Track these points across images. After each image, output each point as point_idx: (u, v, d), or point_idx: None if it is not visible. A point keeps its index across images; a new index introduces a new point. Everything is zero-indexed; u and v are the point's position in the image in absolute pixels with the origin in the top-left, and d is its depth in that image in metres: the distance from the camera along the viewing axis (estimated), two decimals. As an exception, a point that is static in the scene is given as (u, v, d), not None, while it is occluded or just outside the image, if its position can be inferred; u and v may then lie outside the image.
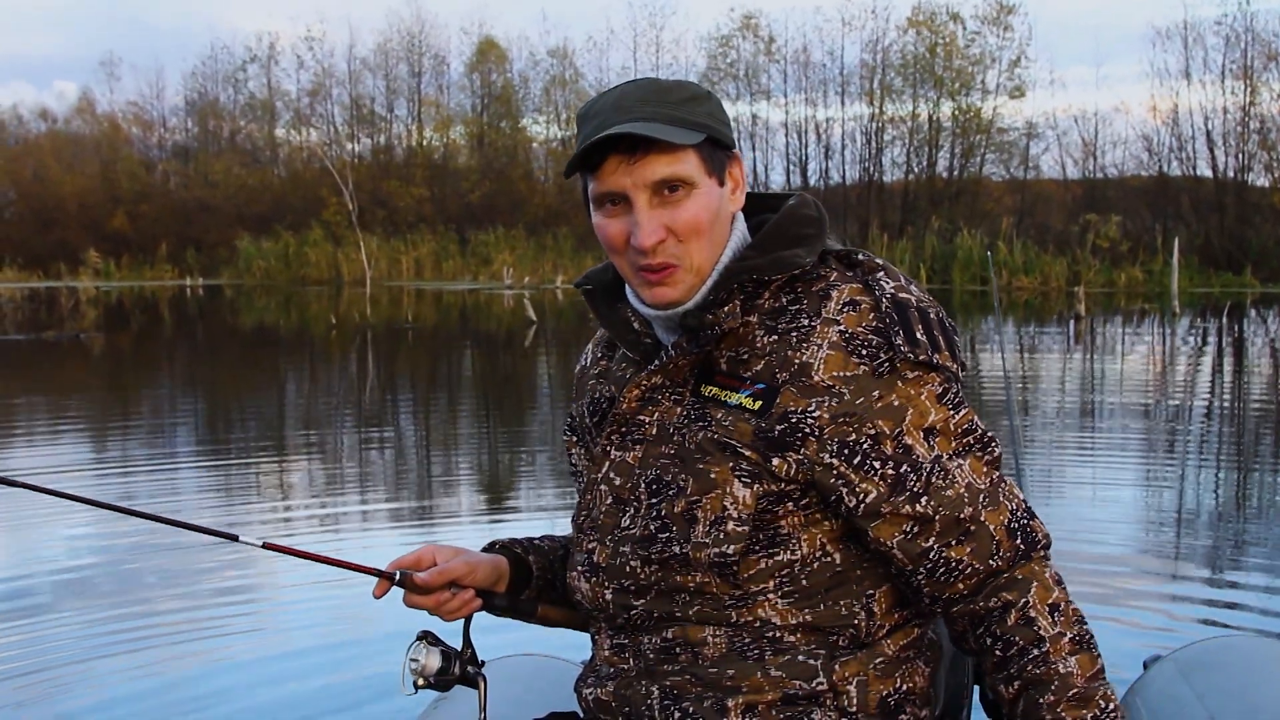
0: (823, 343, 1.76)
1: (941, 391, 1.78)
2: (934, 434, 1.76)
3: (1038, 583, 1.76)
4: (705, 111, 1.81)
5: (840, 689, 1.78)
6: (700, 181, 1.79)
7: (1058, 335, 20.19)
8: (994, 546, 1.76)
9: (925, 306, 1.78)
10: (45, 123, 49.98)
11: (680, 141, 1.76)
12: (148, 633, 5.21)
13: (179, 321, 27.86)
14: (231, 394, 14.93)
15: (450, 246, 41.95)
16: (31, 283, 40.30)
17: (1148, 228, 34.41)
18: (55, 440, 10.60)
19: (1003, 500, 1.78)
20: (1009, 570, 1.77)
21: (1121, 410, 11.54)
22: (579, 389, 2.09)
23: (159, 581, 6.08)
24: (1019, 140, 40.30)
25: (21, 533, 7.04)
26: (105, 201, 45.65)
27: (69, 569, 6.25)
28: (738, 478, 1.76)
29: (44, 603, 5.73)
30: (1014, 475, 2.06)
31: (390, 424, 11.87)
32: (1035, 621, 1.75)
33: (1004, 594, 1.76)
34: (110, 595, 5.81)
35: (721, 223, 1.83)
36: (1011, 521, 1.77)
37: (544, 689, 2.44)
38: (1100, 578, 5.65)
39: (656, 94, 1.80)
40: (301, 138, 48.38)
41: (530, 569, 2.07)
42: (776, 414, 1.74)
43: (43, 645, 5.08)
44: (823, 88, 41.92)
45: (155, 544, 6.69)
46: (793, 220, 1.85)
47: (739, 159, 1.87)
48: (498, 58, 47.35)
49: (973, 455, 1.78)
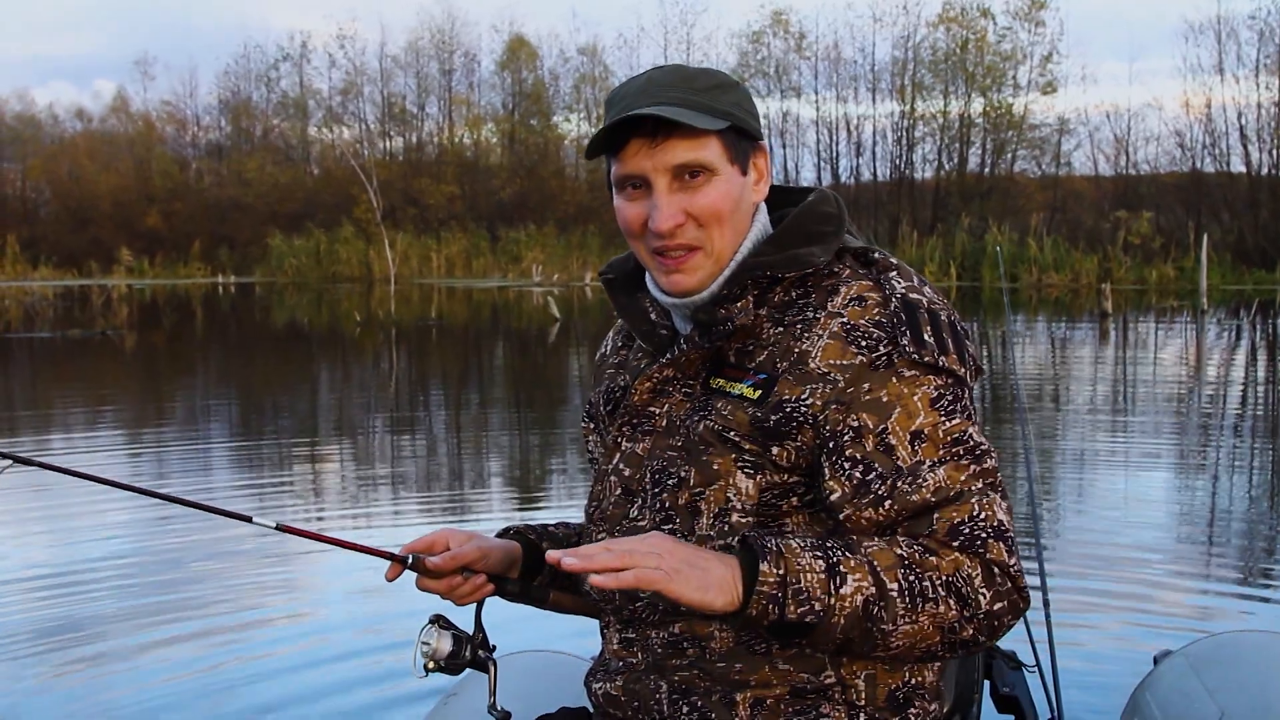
0: (824, 333, 1.75)
1: (937, 396, 1.73)
2: (920, 438, 1.71)
3: (948, 559, 1.66)
4: (731, 100, 1.81)
5: (849, 683, 1.77)
6: (722, 168, 1.79)
7: (1081, 332, 20.08)
8: (928, 527, 1.69)
9: (936, 308, 1.76)
10: (81, 122, 50.34)
11: (703, 126, 1.75)
12: (177, 615, 5.30)
13: (208, 319, 28.02)
14: (251, 389, 15.05)
15: (481, 244, 42.02)
16: (66, 280, 40.56)
17: (1180, 224, 34.16)
18: (74, 429, 10.72)
19: (969, 504, 1.70)
20: (932, 544, 1.68)
21: (1136, 407, 11.49)
22: (597, 376, 2.09)
23: (186, 566, 6.16)
24: (1051, 137, 40.12)
25: (57, 521, 7.15)
26: (139, 200, 45.91)
27: (105, 555, 6.35)
28: (740, 469, 1.75)
29: (80, 584, 5.82)
30: (1021, 487, 2.04)
31: (405, 418, 11.92)
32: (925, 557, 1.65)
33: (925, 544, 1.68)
34: (142, 578, 5.91)
35: (743, 212, 1.83)
36: (964, 525, 1.69)
37: (554, 684, 2.44)
38: (1114, 573, 5.65)
39: (683, 79, 1.80)
40: (333, 136, 48.56)
41: (543, 555, 2.01)
42: (773, 402, 1.73)
43: (81, 623, 5.18)
44: (853, 84, 41.84)
45: (182, 530, 6.81)
46: (811, 217, 1.84)
47: (764, 150, 1.87)
48: (528, 55, 47.40)
49: (957, 464, 1.72)
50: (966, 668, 2.18)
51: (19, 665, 4.74)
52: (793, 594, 1.60)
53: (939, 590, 1.63)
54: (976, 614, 1.66)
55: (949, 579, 1.65)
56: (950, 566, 1.66)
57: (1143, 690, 2.65)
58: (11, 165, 47.80)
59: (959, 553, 1.67)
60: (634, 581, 1.57)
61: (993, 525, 1.69)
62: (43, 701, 4.38)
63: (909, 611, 1.62)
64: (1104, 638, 4.67)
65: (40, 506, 7.58)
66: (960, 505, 1.69)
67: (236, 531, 6.46)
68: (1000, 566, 1.68)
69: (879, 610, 1.61)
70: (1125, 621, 4.88)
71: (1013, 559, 1.70)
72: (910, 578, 1.62)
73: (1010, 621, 1.71)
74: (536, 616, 2.16)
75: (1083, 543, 6.31)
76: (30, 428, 11.08)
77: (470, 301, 30.78)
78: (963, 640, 1.66)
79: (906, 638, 1.64)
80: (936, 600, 1.62)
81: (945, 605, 1.64)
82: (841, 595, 1.60)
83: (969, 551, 1.67)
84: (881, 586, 1.61)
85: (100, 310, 28.16)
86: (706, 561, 1.61)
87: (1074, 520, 6.86)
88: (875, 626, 1.62)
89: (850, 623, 1.62)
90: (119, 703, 4.35)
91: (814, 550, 1.63)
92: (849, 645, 1.66)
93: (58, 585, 5.81)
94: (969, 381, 1.79)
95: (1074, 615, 4.73)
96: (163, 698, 4.38)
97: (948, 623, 1.63)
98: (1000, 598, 1.68)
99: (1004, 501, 1.73)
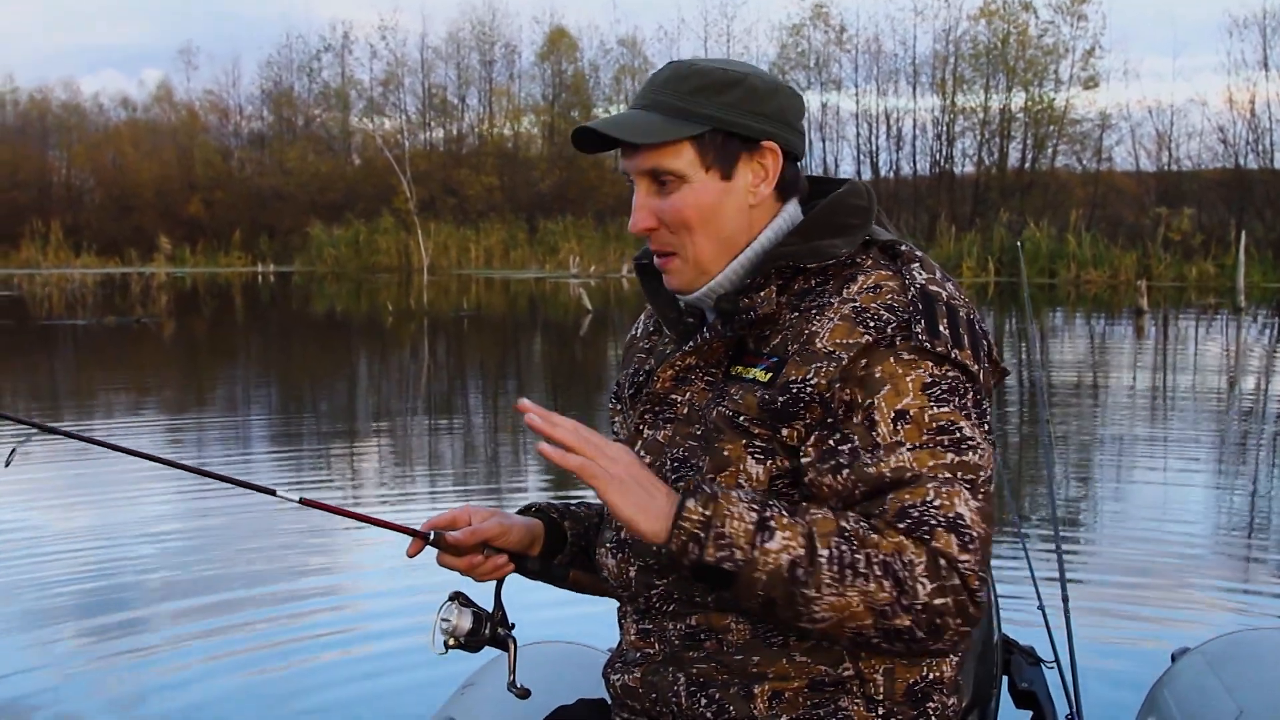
0: (835, 316, 1.73)
1: (931, 381, 1.70)
2: (905, 419, 1.68)
3: (891, 541, 1.62)
4: (723, 102, 1.78)
5: (867, 676, 1.75)
6: (692, 175, 1.79)
7: (1114, 329, 19.93)
8: (879, 511, 1.66)
9: (956, 304, 1.74)
10: (126, 111, 50.65)
11: (655, 140, 1.77)
12: (212, 592, 5.40)
13: (245, 307, 28.18)
14: (282, 375, 15.20)
15: (519, 235, 42.04)
16: (108, 268, 40.84)
17: (1222, 221, 33.82)
18: (97, 410, 10.84)
19: (926, 489, 1.65)
20: (880, 524, 1.65)
21: (1162, 404, 11.45)
22: (626, 358, 2.08)
23: (222, 545, 6.27)
24: (1092, 132, 39.82)
25: (95, 501, 7.25)
26: (181, 188, 46.15)
27: (142, 534, 6.46)
28: (750, 454, 1.75)
29: (118, 562, 5.93)
30: (1042, 483, 2.04)
31: (425, 407, 12.03)
32: (856, 544, 1.61)
33: (866, 521, 1.65)
34: (179, 558, 6.02)
35: (725, 217, 1.81)
36: (914, 509, 1.64)
37: (572, 676, 2.44)
38: (1133, 570, 5.65)
39: (676, 80, 1.80)
40: (374, 126, 48.69)
41: (565, 534, 2.04)
42: (780, 383, 1.73)
43: (120, 602, 5.30)
44: (894, 78, 41.63)
45: (216, 509, 6.92)
46: (839, 208, 1.83)
47: (770, 149, 1.82)
48: (568, 47, 47.37)
49: (931, 450, 1.68)
50: (985, 663, 2.19)
51: (60, 645, 4.83)
52: (714, 536, 1.61)
53: (874, 568, 1.59)
54: (914, 604, 1.60)
55: (886, 559, 1.60)
56: (891, 547, 1.61)
57: (1160, 687, 2.66)
58: (57, 153, 48.14)
59: (904, 536, 1.63)
60: (577, 468, 1.63)
61: (948, 515, 1.64)
62: (83, 681, 4.45)
63: (836, 582, 1.60)
64: (1122, 634, 4.67)
65: (79, 488, 7.70)
66: (915, 489, 1.65)
67: (269, 511, 6.55)
68: (947, 559, 1.62)
69: (804, 574, 1.60)
70: (1143, 618, 4.90)
71: (965, 556, 1.62)
72: (844, 549, 1.60)
73: (956, 624, 1.63)
74: (555, 606, 2.18)
75: (1102, 539, 6.32)
76: (56, 408, 11.22)
77: (507, 292, 30.84)
78: (898, 630, 1.62)
79: (832, 610, 1.62)
80: (868, 577, 1.59)
81: (878, 585, 1.60)
82: (766, 549, 1.61)
83: (914, 536, 1.63)
84: (812, 551, 1.60)
85: (139, 298, 28.36)
86: (654, 489, 1.65)
87: (1094, 517, 6.86)
88: (798, 590, 1.60)
89: (772, 580, 1.61)
90: (155, 683, 4.43)
91: (751, 503, 1.63)
92: (772, 607, 1.65)
93: (98, 564, 5.91)
94: (982, 381, 1.76)
95: (1092, 612, 4.72)
96: (195, 676, 4.46)
97: (879, 604, 1.60)
98: (944, 593, 1.61)
99: (975, 500, 1.66)
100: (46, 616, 5.16)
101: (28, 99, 48.70)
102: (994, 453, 1.75)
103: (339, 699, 4.24)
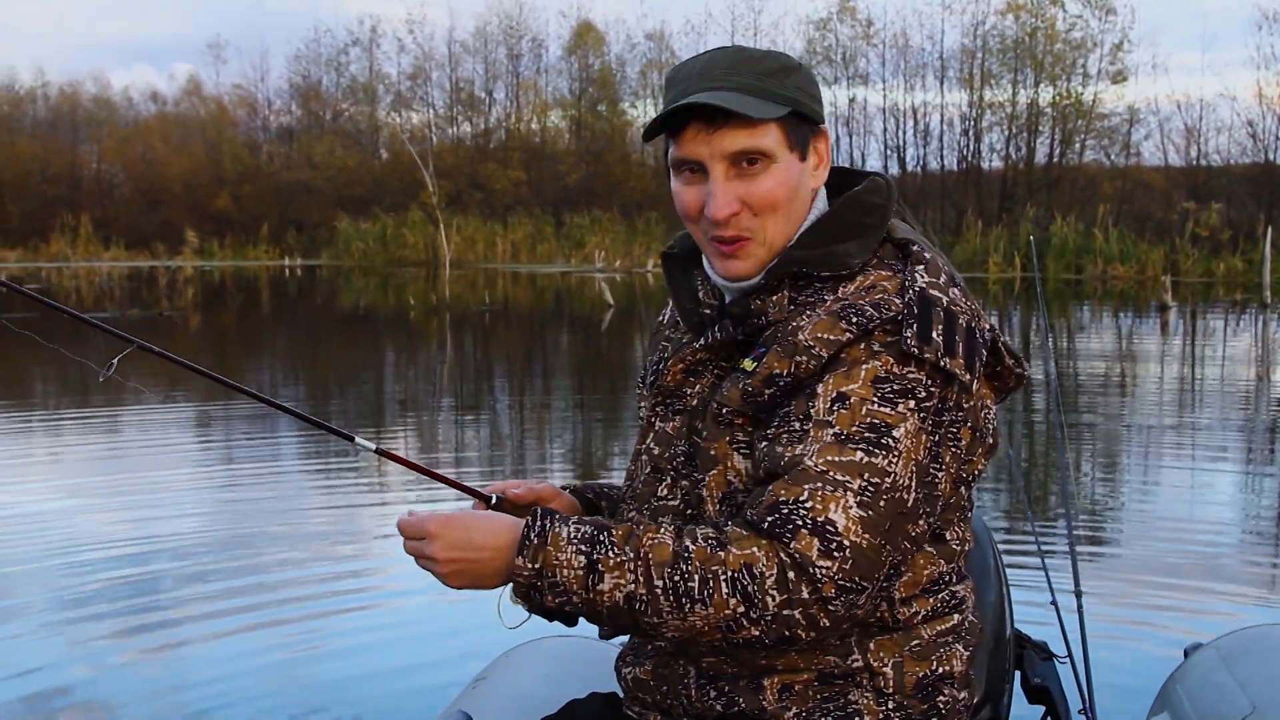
0: (822, 311, 1.73)
1: (885, 378, 1.67)
2: (843, 403, 1.67)
3: (742, 553, 1.62)
4: (793, 84, 1.79)
5: (877, 669, 1.77)
6: (780, 156, 1.77)
7: (1137, 325, 19.82)
8: (758, 501, 1.66)
9: (956, 310, 1.71)
10: (155, 105, 50.78)
11: (759, 115, 1.74)
12: (252, 573, 5.58)
13: (270, 301, 28.27)
14: (298, 368, 15.34)
15: (546, 229, 41.99)
16: (136, 261, 40.99)
17: (1251, 216, 33.54)
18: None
19: (803, 488, 1.62)
20: (745, 524, 1.66)
21: (1180, 401, 11.41)
22: (653, 343, 2.09)
23: (263, 529, 6.38)
24: (1120, 127, 39.56)
25: (135, 484, 7.31)
26: (210, 182, 46.22)
27: (180, 514, 6.56)
28: (736, 450, 1.77)
29: (156, 543, 6.05)
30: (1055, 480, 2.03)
31: (438, 399, 12.09)
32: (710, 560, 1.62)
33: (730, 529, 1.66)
34: (210, 544, 6.15)
35: (800, 199, 1.82)
36: (784, 505, 1.62)
37: (584, 670, 2.45)
38: (1146, 565, 5.65)
39: (744, 62, 1.78)
40: (402, 120, 48.72)
41: (602, 514, 2.08)
42: (762, 374, 1.73)
43: (158, 584, 5.42)
44: (921, 72, 41.43)
45: (255, 492, 6.98)
46: (855, 207, 1.82)
47: (825, 134, 1.84)
48: (595, 41, 47.28)
49: (843, 446, 1.64)
50: (997, 657, 2.22)
51: (96, 628, 4.88)
52: (548, 585, 1.65)
53: (720, 587, 1.60)
54: (763, 615, 1.60)
55: (734, 575, 1.60)
56: (739, 560, 1.60)
57: (1173, 682, 2.67)
58: (87, 147, 48.31)
59: (764, 538, 1.62)
60: (420, 565, 1.73)
61: (816, 518, 1.61)
62: (114, 669, 4.52)
63: (675, 610, 1.62)
64: (1135, 629, 4.68)
65: (119, 468, 7.78)
66: (793, 485, 1.63)
67: (299, 496, 6.60)
68: (801, 560, 1.60)
69: (642, 605, 1.63)
70: (1157, 613, 4.89)
71: (825, 562, 1.60)
72: (677, 578, 1.61)
73: (806, 634, 1.63)
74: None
75: (1115, 534, 6.32)
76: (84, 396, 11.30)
77: (533, 287, 30.84)
78: (747, 640, 1.64)
79: (679, 631, 1.65)
80: (707, 600, 1.60)
81: (721, 603, 1.61)
82: (599, 590, 1.64)
83: (774, 536, 1.62)
84: (648, 583, 1.62)
85: (165, 291, 28.46)
86: (480, 553, 1.68)
87: (1107, 512, 6.85)
88: (641, 619, 1.64)
89: (614, 612, 1.65)
90: (194, 670, 4.50)
91: (581, 543, 1.65)
92: (627, 629, 1.72)
93: (129, 550, 5.98)
94: (975, 389, 1.73)
95: (1105, 606, 4.75)
96: (202, 664, 4.56)
97: (723, 621, 1.61)
98: (791, 605, 1.60)
99: (858, 509, 1.62)
100: (78, 603, 5.23)
101: (58, 93, 48.92)
102: (945, 469, 1.72)
103: (349, 694, 4.29)
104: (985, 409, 1.79)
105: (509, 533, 1.68)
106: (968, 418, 1.74)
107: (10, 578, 5.60)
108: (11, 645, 4.74)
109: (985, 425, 1.79)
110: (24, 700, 4.18)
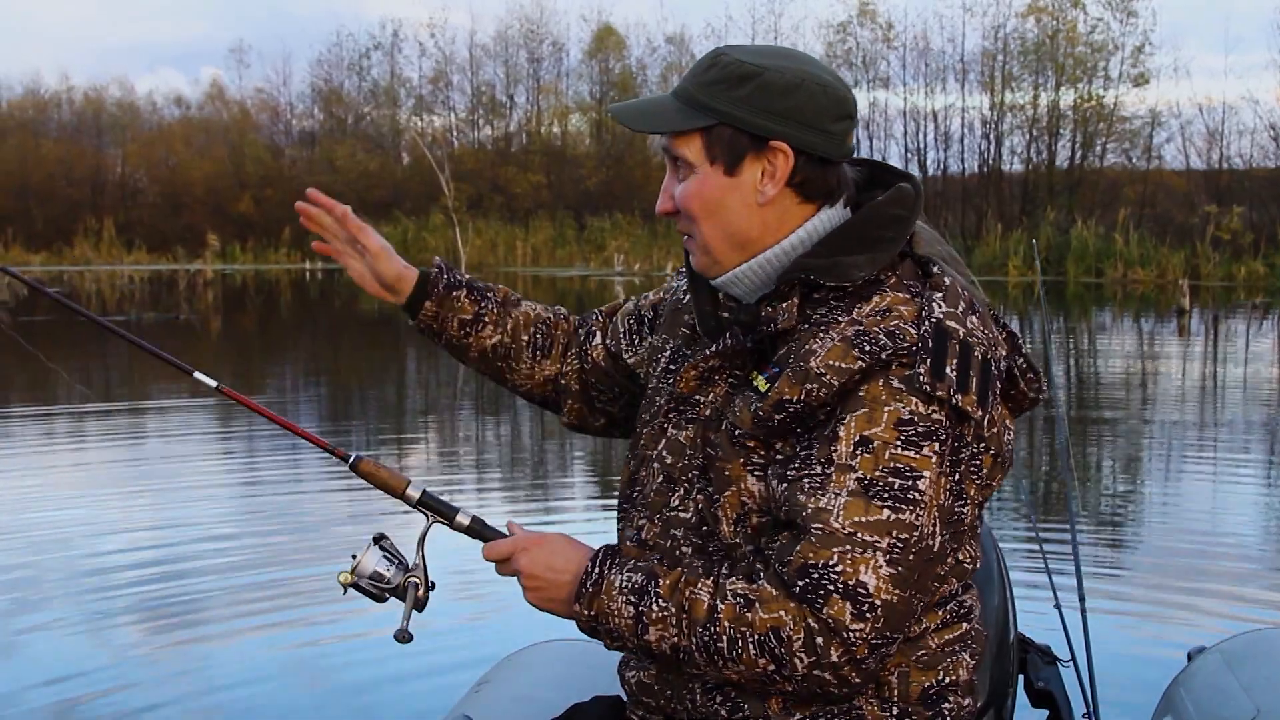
0: (836, 336, 1.70)
1: (909, 420, 1.66)
2: (866, 448, 1.66)
3: (770, 616, 1.64)
4: (735, 97, 1.76)
5: (882, 679, 1.77)
6: (698, 166, 1.80)
7: (1153, 330, 19.71)
8: (786, 559, 1.65)
9: (972, 342, 1.69)
10: (179, 109, 50.93)
11: (668, 128, 1.81)
12: (269, 574, 5.66)
13: (289, 304, 28.38)
14: (313, 371, 15.45)
15: (567, 232, 41.99)
16: (158, 265, 41.12)
17: (1273, 219, 33.36)
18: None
19: (831, 552, 1.62)
20: (777, 581, 1.66)
21: (1187, 406, 11.38)
22: (669, 322, 2.07)
23: (280, 529, 6.43)
24: (1141, 130, 39.38)
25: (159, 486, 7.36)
26: (232, 186, 46.33)
27: (204, 518, 6.59)
28: (750, 472, 1.76)
29: (181, 547, 6.14)
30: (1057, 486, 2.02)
31: (435, 404, 12.15)
32: (740, 620, 1.65)
33: (762, 586, 1.66)
34: (223, 550, 6.19)
35: (733, 211, 1.80)
36: (814, 569, 1.62)
37: (587, 673, 2.45)
38: (1149, 568, 5.67)
39: (702, 69, 1.82)
40: (423, 124, 48.79)
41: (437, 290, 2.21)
42: (773, 399, 1.72)
43: (182, 586, 5.49)
44: (941, 75, 41.32)
45: (272, 495, 7.04)
46: (874, 220, 1.79)
47: (781, 149, 1.78)
48: (616, 45, 47.29)
49: (868, 501, 1.64)
50: (1001, 662, 2.22)
51: (122, 631, 4.93)
52: (605, 632, 1.74)
53: (749, 648, 1.64)
54: (794, 675, 1.64)
55: (761, 639, 1.62)
56: (765, 625, 1.62)
57: (1177, 686, 2.67)
58: (111, 151, 48.48)
59: (794, 600, 1.63)
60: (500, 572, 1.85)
61: (848, 583, 1.61)
62: (147, 666, 4.59)
63: (711, 665, 1.68)
64: (1139, 633, 4.69)
65: (141, 471, 7.82)
66: (823, 549, 1.63)
67: (313, 495, 6.63)
68: (833, 625, 1.61)
69: (685, 657, 1.69)
70: (1160, 617, 4.91)
71: (858, 625, 1.61)
72: (707, 637, 1.66)
73: (837, 690, 1.66)
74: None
75: (1119, 537, 6.32)
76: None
77: (553, 290, 30.85)
78: (784, 691, 1.70)
79: (720, 680, 1.73)
80: (737, 659, 1.65)
81: (751, 664, 1.65)
82: (646, 640, 1.71)
83: (805, 602, 1.62)
84: (687, 638, 1.68)
85: (185, 294, 28.56)
86: (559, 576, 1.77)
87: (1111, 516, 6.85)
88: (686, 668, 1.72)
89: (662, 658, 1.73)
90: (194, 670, 4.54)
91: (629, 594, 1.71)
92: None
93: (153, 556, 6.03)
94: (988, 424, 1.71)
95: (1109, 611, 4.75)
96: (210, 665, 4.63)
97: (756, 675, 1.67)
98: (820, 667, 1.63)
99: (888, 568, 1.63)
100: (106, 604, 5.28)
101: (82, 97, 49.10)
102: (959, 505, 1.72)
103: (350, 696, 4.33)
104: (1006, 430, 1.79)
105: (582, 565, 1.77)
106: (989, 445, 1.74)
107: (31, 581, 5.65)
108: (37, 649, 4.77)
109: (1005, 449, 1.79)
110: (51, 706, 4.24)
